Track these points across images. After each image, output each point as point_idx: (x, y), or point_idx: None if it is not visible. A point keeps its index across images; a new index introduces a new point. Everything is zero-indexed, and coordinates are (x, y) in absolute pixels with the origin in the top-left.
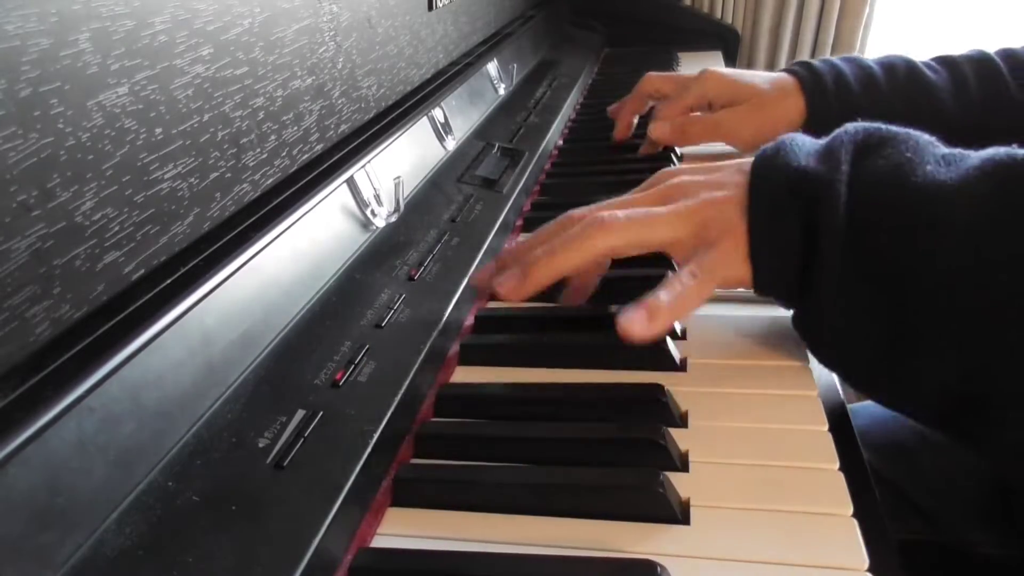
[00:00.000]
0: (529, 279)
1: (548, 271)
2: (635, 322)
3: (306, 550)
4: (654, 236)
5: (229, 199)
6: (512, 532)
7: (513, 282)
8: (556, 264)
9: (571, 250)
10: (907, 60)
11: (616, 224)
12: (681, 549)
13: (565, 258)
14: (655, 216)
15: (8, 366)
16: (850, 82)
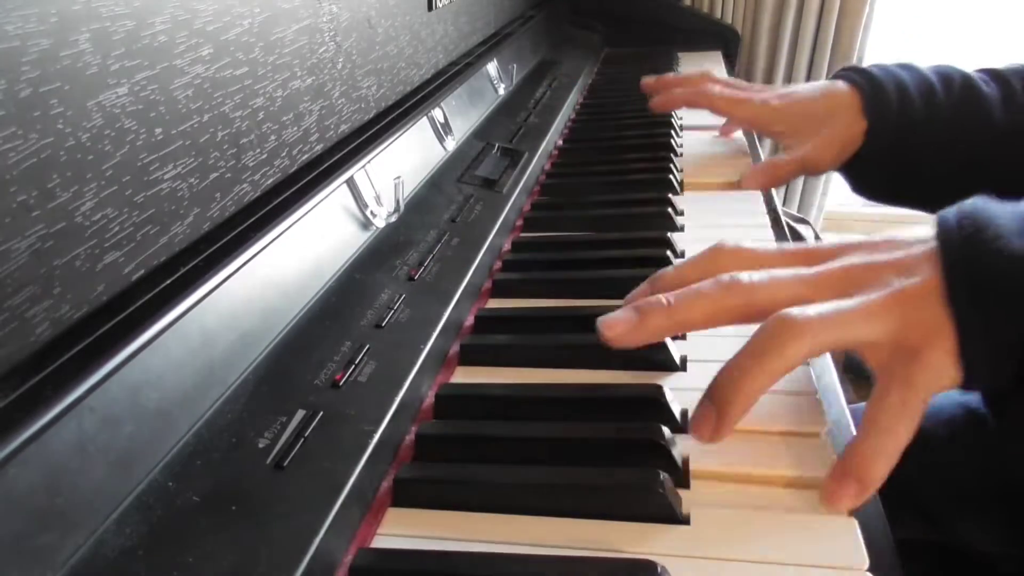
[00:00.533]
0: (727, 416)
1: (746, 401)
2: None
3: (306, 550)
4: (850, 337)
5: (229, 199)
6: (512, 532)
7: (709, 425)
8: (752, 389)
9: (765, 366)
10: (961, 72)
11: (810, 327)
12: (681, 549)
13: (760, 381)
14: (848, 313)
15: (8, 366)
16: (911, 91)
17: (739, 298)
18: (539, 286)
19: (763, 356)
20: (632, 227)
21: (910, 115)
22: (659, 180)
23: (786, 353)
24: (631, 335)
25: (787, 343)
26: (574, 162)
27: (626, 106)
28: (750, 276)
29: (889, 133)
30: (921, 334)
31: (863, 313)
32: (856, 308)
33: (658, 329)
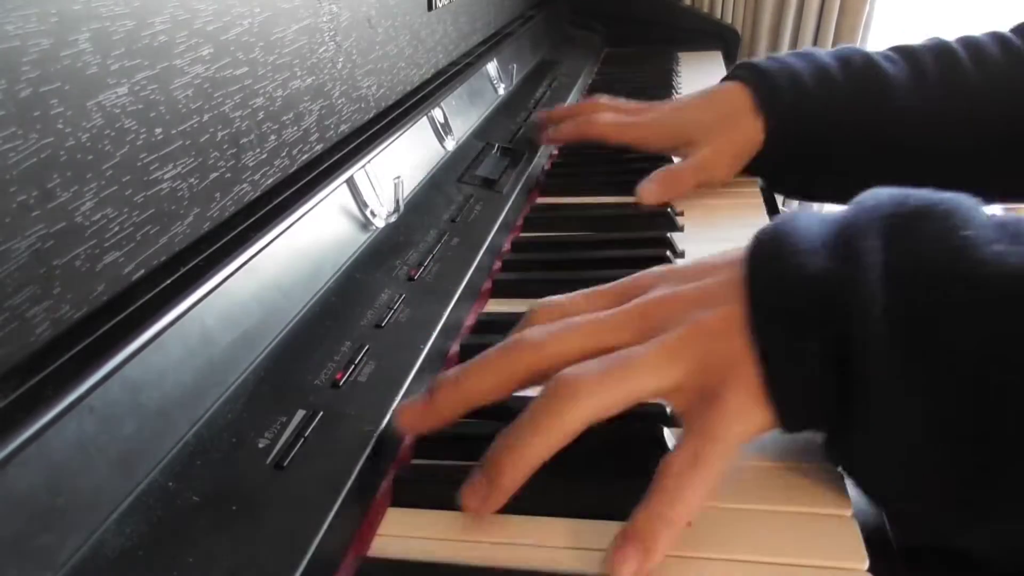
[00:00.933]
0: (498, 489)
1: (520, 470)
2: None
3: (306, 550)
4: (641, 389)
5: (229, 199)
6: (512, 532)
7: (479, 497)
8: (527, 459)
9: (543, 435)
10: (863, 52)
11: (588, 386)
12: (680, 549)
13: (536, 449)
14: (636, 362)
15: (8, 366)
16: (804, 80)
17: (524, 359)
18: (539, 286)
19: (540, 422)
20: (632, 227)
21: (806, 102)
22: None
23: (564, 419)
24: (423, 419)
25: (564, 408)
26: (574, 162)
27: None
28: (539, 332)
29: (787, 124)
30: (719, 373)
31: (652, 359)
32: (643, 355)
33: (448, 408)
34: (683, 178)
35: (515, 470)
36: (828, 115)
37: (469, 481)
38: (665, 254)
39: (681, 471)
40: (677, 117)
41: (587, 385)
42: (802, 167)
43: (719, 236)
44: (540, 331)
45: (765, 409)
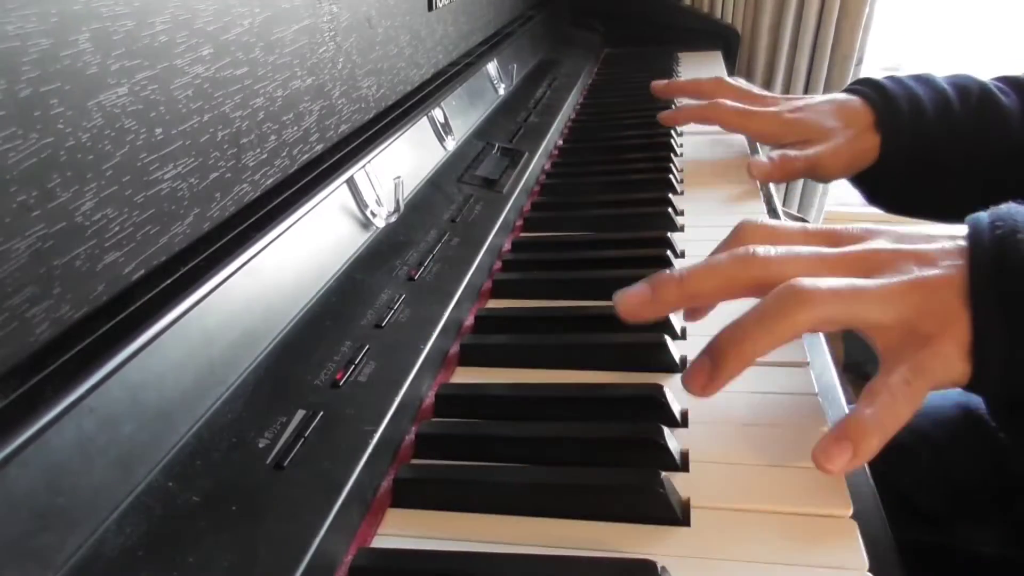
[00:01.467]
0: (721, 372)
1: (742, 360)
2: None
3: (306, 550)
4: (861, 316)
5: (229, 199)
6: (512, 532)
7: (703, 378)
8: (751, 350)
9: (768, 331)
10: (979, 82)
11: (820, 297)
12: (681, 549)
13: (761, 343)
14: (863, 292)
15: (8, 366)
16: (925, 107)
17: (752, 270)
18: (539, 286)
19: (768, 320)
20: (632, 227)
21: (924, 130)
22: (659, 180)
23: (792, 320)
24: (644, 308)
25: (794, 310)
26: (574, 162)
27: (626, 106)
28: (766, 250)
29: (903, 148)
30: (937, 323)
31: (878, 294)
32: (871, 288)
33: (670, 301)
34: (795, 166)
35: (739, 359)
36: (943, 143)
37: (692, 365)
38: (665, 254)
39: (895, 389)
40: (800, 116)
41: (820, 295)
42: (910, 187)
43: (719, 236)
44: (768, 249)
45: (967, 365)
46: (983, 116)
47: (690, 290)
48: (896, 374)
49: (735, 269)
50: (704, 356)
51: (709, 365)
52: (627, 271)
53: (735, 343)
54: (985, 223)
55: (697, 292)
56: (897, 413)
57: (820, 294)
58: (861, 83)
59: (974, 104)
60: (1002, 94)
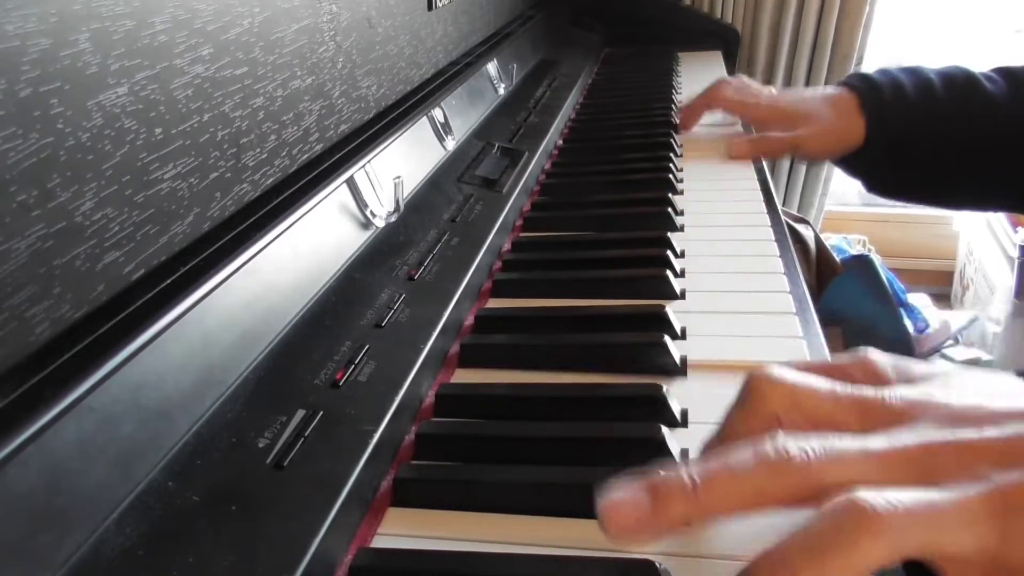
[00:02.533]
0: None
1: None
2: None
3: (306, 550)
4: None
5: (229, 199)
6: (512, 532)
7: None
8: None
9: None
10: (966, 71)
11: (896, 522)
12: (682, 548)
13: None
14: (942, 511)
15: (8, 366)
16: (907, 92)
17: (788, 478)
18: (539, 286)
19: (824, 553)
20: (632, 227)
21: (907, 115)
22: (659, 180)
23: (858, 554)
24: (640, 527)
25: (860, 540)
26: (574, 162)
27: (626, 106)
28: (802, 449)
29: (886, 128)
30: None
31: (959, 513)
32: (952, 506)
33: (677, 518)
34: (774, 144)
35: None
36: (926, 126)
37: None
38: (665, 254)
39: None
40: (792, 102)
41: (895, 520)
42: (896, 168)
43: (719, 236)
44: (804, 447)
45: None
46: (966, 101)
47: (706, 503)
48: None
49: (766, 478)
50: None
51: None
52: (627, 271)
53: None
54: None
55: (715, 506)
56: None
57: (896, 519)
58: (850, 76)
59: (958, 90)
60: (988, 81)
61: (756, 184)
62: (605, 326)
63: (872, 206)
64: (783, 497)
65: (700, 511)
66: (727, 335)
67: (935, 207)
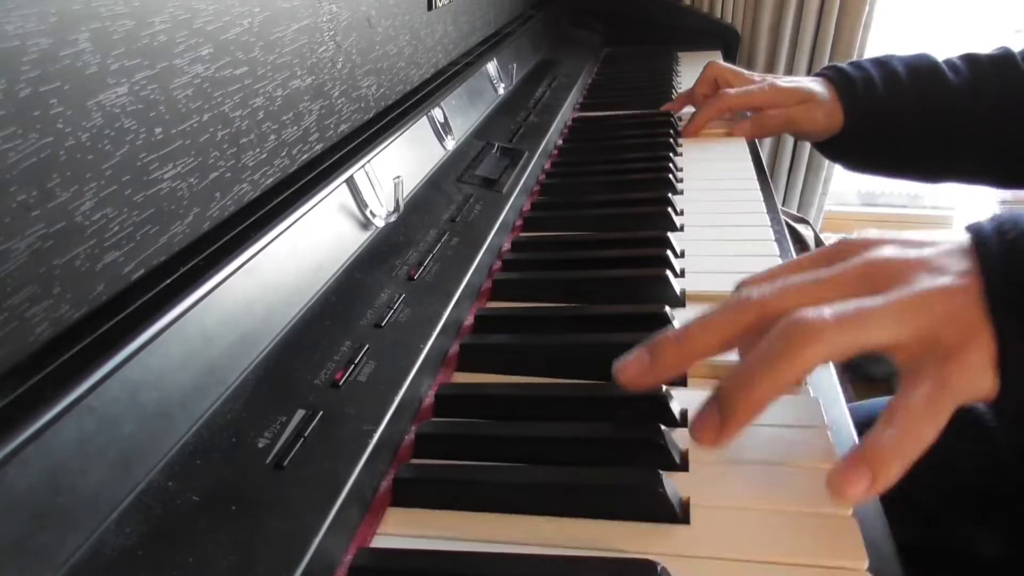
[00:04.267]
0: (731, 422)
1: (751, 408)
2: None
3: (306, 550)
4: (872, 338)
5: (229, 199)
6: (512, 532)
7: (712, 430)
8: (761, 394)
9: (776, 372)
10: (932, 61)
11: (826, 328)
12: (681, 549)
13: (771, 384)
14: (870, 312)
15: (8, 366)
16: (876, 85)
17: (748, 314)
18: (539, 286)
19: (774, 360)
20: (632, 227)
21: (878, 105)
22: (659, 180)
23: (800, 357)
24: (644, 375)
25: (800, 345)
26: (574, 162)
27: (626, 106)
28: (760, 289)
29: (860, 116)
30: (958, 334)
31: (889, 311)
32: (880, 306)
33: (670, 364)
34: (772, 120)
35: (748, 407)
36: (894, 114)
37: (699, 416)
38: (665, 254)
39: (917, 410)
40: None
41: (825, 328)
42: (872, 152)
43: (719, 236)
44: (760, 289)
45: (993, 376)
46: (930, 91)
47: (688, 349)
48: (917, 391)
49: (731, 317)
50: (711, 406)
51: (717, 416)
52: (627, 271)
53: (742, 390)
54: (989, 229)
55: (696, 350)
56: (919, 434)
57: (826, 324)
58: (826, 68)
59: (923, 80)
60: (951, 70)
61: (756, 184)
62: (605, 326)
63: (872, 206)
64: (750, 330)
65: (685, 355)
66: None
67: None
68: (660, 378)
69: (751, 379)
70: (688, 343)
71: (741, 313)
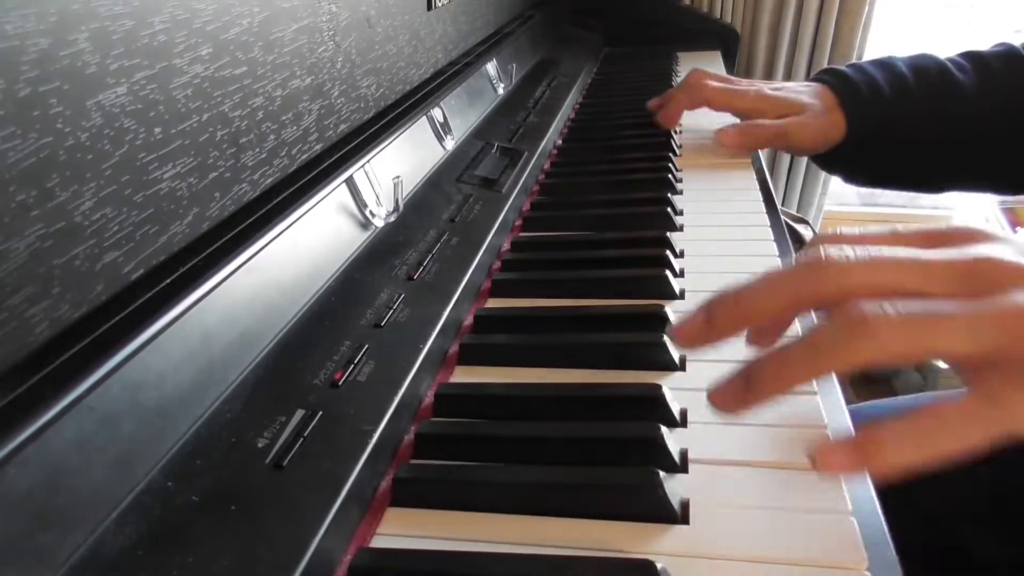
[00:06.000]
0: (755, 396)
1: (780, 388)
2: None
3: (306, 550)
4: (944, 348)
5: (228, 199)
6: (512, 532)
7: (733, 399)
8: (792, 380)
9: (814, 365)
10: (937, 61)
11: (887, 329)
12: (681, 549)
13: (806, 374)
14: (943, 320)
15: (7, 366)
16: (883, 90)
17: (824, 283)
18: (539, 286)
19: (820, 352)
20: (632, 227)
21: (885, 111)
22: (658, 180)
23: (849, 353)
24: (700, 336)
25: (855, 343)
26: (573, 162)
27: (626, 106)
28: (843, 253)
29: (866, 126)
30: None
31: (973, 322)
32: (956, 315)
33: (727, 326)
34: (762, 132)
35: (777, 387)
36: (903, 121)
37: (724, 382)
38: (664, 254)
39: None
40: (779, 93)
41: (890, 327)
42: (876, 162)
43: (718, 236)
44: (845, 252)
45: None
46: (940, 94)
47: (747, 309)
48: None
49: (802, 281)
50: (740, 377)
51: (743, 387)
52: (627, 271)
53: (777, 370)
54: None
55: (755, 311)
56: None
57: (892, 326)
58: (824, 72)
59: (932, 83)
60: (959, 70)
61: (755, 184)
62: (604, 326)
63: (872, 206)
64: (816, 301)
65: (743, 315)
66: None
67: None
68: (716, 339)
69: (788, 363)
70: (747, 302)
71: (819, 279)
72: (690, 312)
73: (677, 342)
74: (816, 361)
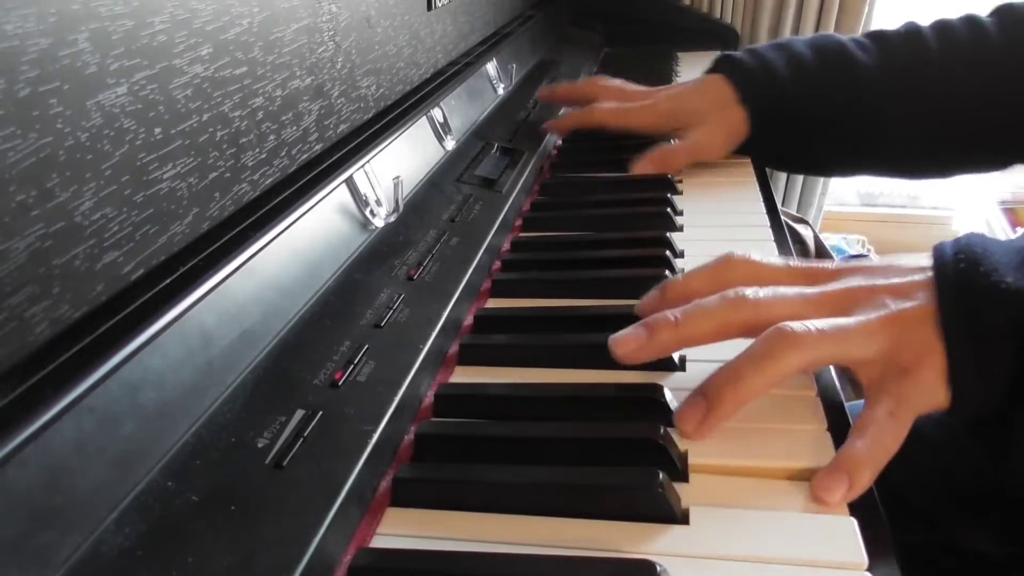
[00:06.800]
0: (715, 412)
1: (736, 400)
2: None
3: (306, 550)
4: (847, 354)
5: (228, 199)
6: (512, 532)
7: (696, 421)
8: (745, 391)
9: (761, 372)
10: (837, 40)
11: (810, 339)
12: (681, 549)
13: (755, 384)
14: (845, 330)
15: (8, 366)
16: (779, 72)
17: (743, 313)
18: (539, 286)
19: (761, 361)
20: (632, 227)
21: (781, 94)
22: (658, 180)
23: (783, 361)
24: (640, 352)
25: (785, 352)
26: (573, 162)
27: None
28: (755, 293)
29: (767, 113)
30: (914, 354)
31: (859, 331)
32: (853, 326)
33: (666, 345)
34: (676, 157)
35: (733, 400)
36: (802, 101)
37: (685, 406)
38: (664, 254)
39: (882, 423)
40: (673, 104)
41: (808, 338)
42: (784, 147)
43: (718, 236)
44: (756, 292)
45: (946, 390)
46: (837, 72)
47: (685, 333)
48: (881, 406)
49: (728, 313)
50: (698, 396)
51: (704, 405)
52: (627, 271)
53: (729, 383)
54: (949, 255)
55: (692, 335)
56: (886, 444)
57: (809, 336)
58: (719, 60)
59: (830, 62)
60: (860, 49)
61: (755, 184)
62: (604, 326)
63: (871, 206)
64: (740, 328)
65: (681, 338)
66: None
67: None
68: (655, 356)
69: (738, 375)
70: (686, 327)
71: (737, 311)
72: (630, 328)
73: (615, 353)
74: (761, 371)
